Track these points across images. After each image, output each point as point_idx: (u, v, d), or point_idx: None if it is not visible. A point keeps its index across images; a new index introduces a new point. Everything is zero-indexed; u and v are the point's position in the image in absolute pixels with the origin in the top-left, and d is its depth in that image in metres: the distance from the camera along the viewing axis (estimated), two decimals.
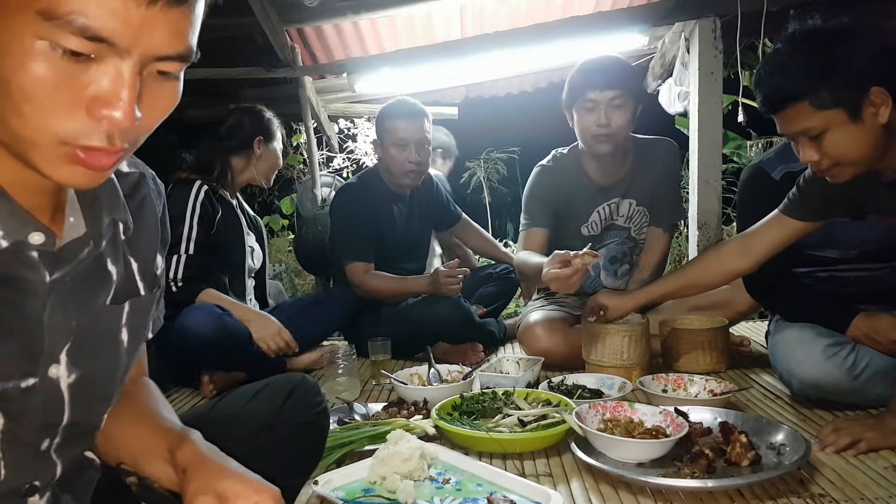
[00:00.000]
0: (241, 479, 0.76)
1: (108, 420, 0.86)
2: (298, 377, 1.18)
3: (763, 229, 1.78)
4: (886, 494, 1.26)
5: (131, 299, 0.82)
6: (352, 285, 2.61)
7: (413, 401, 1.86)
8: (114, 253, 0.80)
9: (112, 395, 0.83)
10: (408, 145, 2.56)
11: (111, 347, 0.81)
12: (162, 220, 0.90)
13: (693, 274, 1.98)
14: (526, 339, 2.38)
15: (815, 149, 1.38)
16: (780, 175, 1.95)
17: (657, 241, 2.47)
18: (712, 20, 3.17)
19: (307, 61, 3.76)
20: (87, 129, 0.61)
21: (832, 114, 1.33)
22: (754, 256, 1.80)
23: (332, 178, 4.08)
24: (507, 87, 4.56)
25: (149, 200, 0.86)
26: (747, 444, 1.37)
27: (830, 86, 1.31)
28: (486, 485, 1.35)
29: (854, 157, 1.36)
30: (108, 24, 0.57)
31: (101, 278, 0.78)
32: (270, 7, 2.92)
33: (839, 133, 1.34)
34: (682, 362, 2.17)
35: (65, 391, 0.75)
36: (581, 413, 1.54)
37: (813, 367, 1.70)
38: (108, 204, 0.77)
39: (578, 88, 2.24)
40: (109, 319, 0.80)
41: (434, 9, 3.32)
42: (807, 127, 1.35)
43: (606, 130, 2.21)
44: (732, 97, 3.64)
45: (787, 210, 1.72)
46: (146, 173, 0.87)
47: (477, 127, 5.33)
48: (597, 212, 2.45)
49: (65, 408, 0.76)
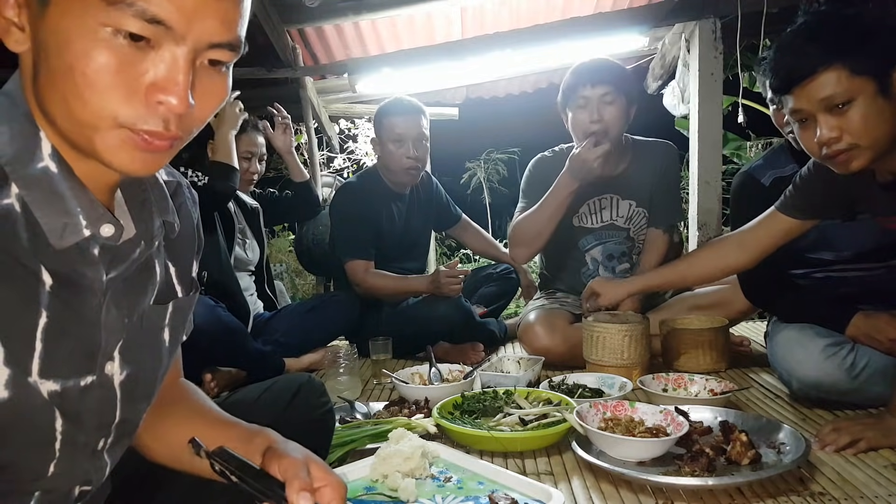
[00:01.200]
0: (324, 468, 0.79)
1: (158, 421, 0.89)
2: (304, 377, 1.18)
3: (759, 226, 1.77)
4: (886, 493, 1.27)
5: (174, 300, 0.85)
6: (352, 284, 2.62)
7: (414, 400, 1.87)
8: (158, 255, 0.82)
9: (153, 393, 0.85)
10: (405, 141, 2.57)
11: (156, 346, 0.83)
12: (197, 226, 0.92)
13: (688, 266, 1.98)
14: (526, 338, 2.39)
15: (836, 125, 1.30)
16: (770, 181, 1.97)
17: (656, 241, 2.49)
18: (712, 21, 3.18)
19: (308, 62, 3.76)
20: (144, 114, 0.64)
21: (863, 82, 1.27)
22: (751, 252, 1.79)
23: (333, 178, 4.09)
24: (507, 88, 4.56)
25: (185, 207, 0.88)
26: (747, 443, 1.38)
27: (866, 52, 1.26)
28: (488, 483, 1.35)
29: (876, 135, 1.30)
30: (166, 8, 0.61)
31: (148, 278, 0.80)
32: (271, 7, 2.93)
33: (866, 105, 1.28)
34: (682, 362, 2.18)
35: (117, 388, 0.77)
36: (582, 412, 1.55)
37: (812, 366, 1.71)
38: (158, 206, 0.79)
39: (571, 88, 2.29)
40: (154, 319, 0.82)
41: (435, 9, 3.33)
42: (835, 93, 1.28)
43: (599, 126, 2.23)
44: (732, 98, 3.64)
45: (782, 207, 1.71)
46: (182, 182, 0.89)
47: (477, 127, 5.34)
48: (587, 204, 2.48)
49: (117, 405, 0.77)
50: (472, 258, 5.18)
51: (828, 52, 1.29)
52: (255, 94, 4.05)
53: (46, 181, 0.66)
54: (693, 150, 3.31)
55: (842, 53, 1.27)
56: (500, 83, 4.41)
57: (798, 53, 1.32)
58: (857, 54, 1.27)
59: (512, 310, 3.46)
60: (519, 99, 4.71)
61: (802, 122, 1.38)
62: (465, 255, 5.39)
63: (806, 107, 1.33)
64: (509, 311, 3.38)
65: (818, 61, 1.29)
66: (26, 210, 0.65)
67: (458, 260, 5.25)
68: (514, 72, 3.91)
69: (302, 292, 4.40)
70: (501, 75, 3.95)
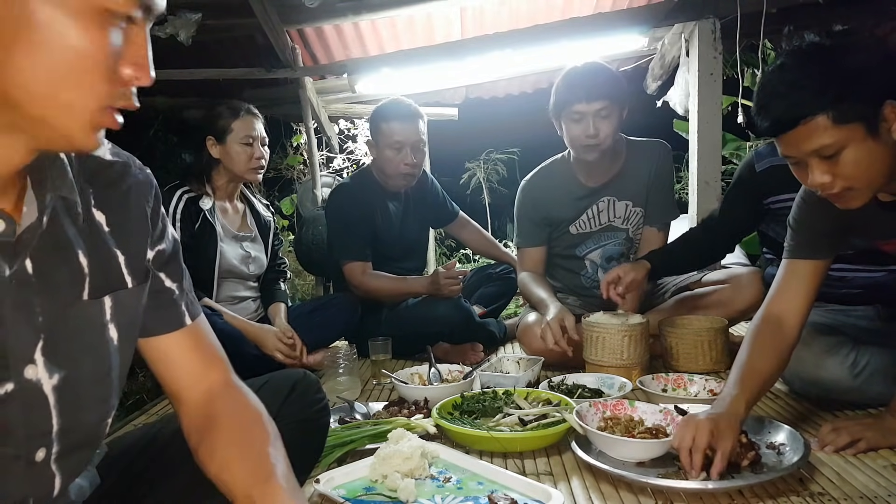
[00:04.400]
0: None
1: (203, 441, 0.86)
2: (300, 373, 1.18)
3: (784, 289, 1.53)
4: (885, 493, 1.27)
5: (113, 293, 0.79)
6: (350, 286, 2.61)
7: (414, 400, 1.87)
8: (87, 245, 0.76)
9: (108, 397, 0.80)
10: (403, 147, 2.56)
11: (97, 346, 0.77)
12: (154, 209, 0.86)
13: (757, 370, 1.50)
14: (526, 339, 2.39)
15: (828, 170, 1.24)
16: (764, 167, 1.98)
17: (652, 239, 2.50)
18: (712, 21, 3.18)
19: (308, 62, 3.76)
20: (124, 91, 0.66)
21: (851, 129, 1.20)
22: (793, 324, 1.51)
23: (333, 178, 4.08)
24: (507, 88, 4.56)
25: (135, 190, 0.83)
26: (747, 444, 1.37)
27: (851, 98, 1.19)
28: (487, 483, 1.35)
29: (870, 176, 1.25)
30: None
31: (70, 271, 0.74)
32: (271, 8, 2.93)
33: (857, 150, 1.21)
34: (682, 362, 2.17)
35: (49, 394, 0.72)
36: (581, 412, 1.55)
37: (813, 365, 1.71)
38: (53, 183, 0.73)
39: (564, 100, 2.26)
40: (91, 315, 0.77)
41: (434, 9, 3.33)
42: (823, 144, 1.22)
43: (595, 140, 2.24)
44: (732, 98, 3.64)
45: (793, 254, 1.55)
46: (131, 162, 0.84)
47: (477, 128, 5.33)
48: (586, 212, 2.49)
49: (52, 413, 0.72)
50: (472, 258, 5.18)
51: (812, 101, 1.21)
52: (254, 95, 4.05)
53: None
54: (693, 151, 3.31)
55: (826, 103, 1.20)
56: (500, 83, 4.41)
57: (781, 101, 1.24)
58: (841, 102, 1.19)
59: (511, 310, 3.46)
60: (519, 99, 4.71)
61: (795, 164, 1.32)
62: (464, 255, 5.39)
63: (796, 154, 1.28)
64: (509, 311, 3.38)
65: (802, 112, 1.22)
66: None
67: (457, 260, 5.26)
68: (514, 72, 3.91)
69: (302, 292, 4.40)
70: (501, 75, 3.94)
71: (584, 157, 2.32)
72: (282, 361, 2.26)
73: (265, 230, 2.55)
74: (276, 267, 2.60)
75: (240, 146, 2.34)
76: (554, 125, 2.38)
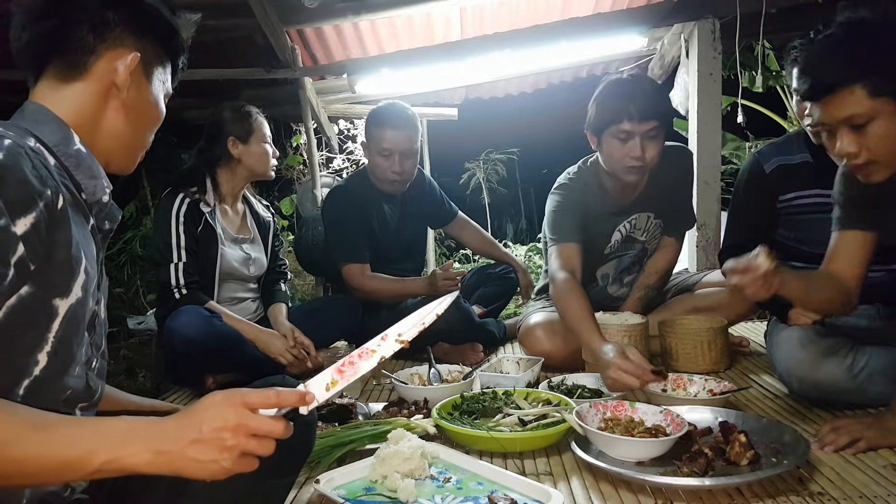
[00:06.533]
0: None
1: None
2: (278, 378, 1.17)
3: (833, 259, 1.60)
4: (885, 493, 1.27)
5: None
6: (349, 288, 2.61)
7: (414, 400, 1.86)
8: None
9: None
10: (392, 155, 2.53)
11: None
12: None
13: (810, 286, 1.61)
14: (526, 341, 2.38)
15: (856, 140, 1.33)
16: (773, 167, 1.97)
17: (668, 249, 2.44)
18: (711, 21, 3.19)
19: (307, 62, 3.76)
20: None
21: (883, 102, 1.28)
22: (848, 278, 1.58)
23: (332, 178, 4.09)
24: (506, 89, 4.57)
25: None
26: (746, 444, 1.37)
27: (888, 73, 1.28)
28: (487, 483, 1.35)
29: (893, 153, 1.33)
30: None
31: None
32: (271, 8, 2.93)
33: (885, 124, 1.30)
34: (682, 362, 2.17)
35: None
36: (581, 412, 1.54)
37: (813, 366, 1.71)
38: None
39: (610, 117, 2.07)
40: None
41: (434, 10, 3.33)
42: (854, 113, 1.30)
43: (640, 162, 2.08)
44: (732, 98, 3.65)
45: (841, 225, 1.60)
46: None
47: (477, 128, 5.34)
48: (618, 230, 2.38)
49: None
50: (472, 258, 5.19)
51: (849, 71, 1.29)
52: (254, 95, 4.06)
53: (80, 157, 0.96)
54: (692, 151, 3.31)
55: (863, 74, 1.28)
56: (500, 83, 4.41)
57: (821, 68, 1.32)
58: (878, 75, 1.28)
59: (511, 310, 3.46)
60: (518, 99, 4.71)
61: (828, 132, 1.40)
62: (464, 255, 5.39)
63: (827, 121, 1.36)
64: (508, 311, 3.38)
65: (839, 80, 1.29)
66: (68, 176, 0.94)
67: (457, 260, 5.26)
68: (514, 72, 3.91)
69: (302, 293, 4.40)
70: (500, 76, 3.95)
71: (625, 177, 2.16)
72: (286, 364, 2.26)
73: (265, 231, 2.54)
74: (277, 268, 2.60)
75: (262, 146, 2.40)
76: (555, 124, 2.36)
